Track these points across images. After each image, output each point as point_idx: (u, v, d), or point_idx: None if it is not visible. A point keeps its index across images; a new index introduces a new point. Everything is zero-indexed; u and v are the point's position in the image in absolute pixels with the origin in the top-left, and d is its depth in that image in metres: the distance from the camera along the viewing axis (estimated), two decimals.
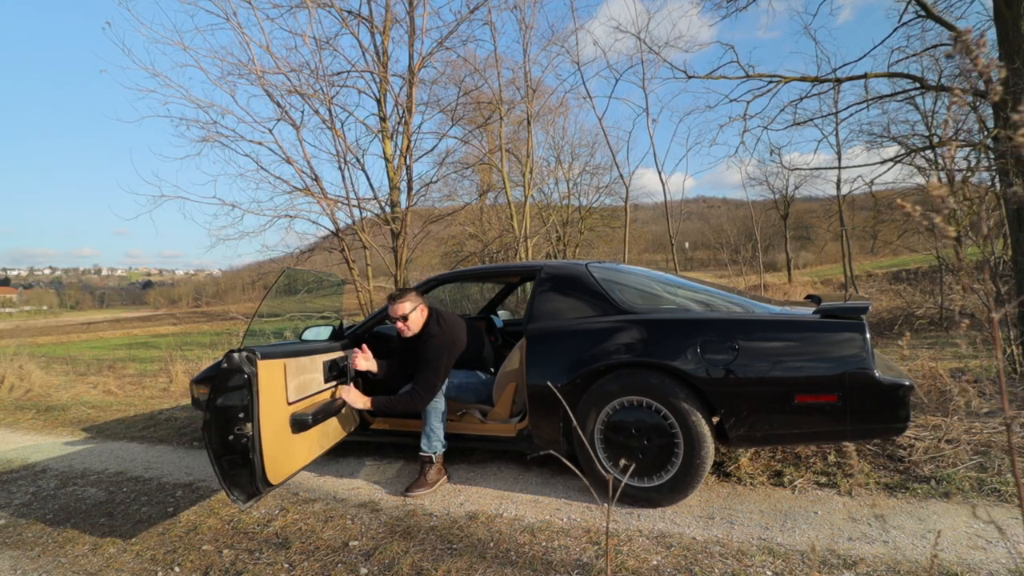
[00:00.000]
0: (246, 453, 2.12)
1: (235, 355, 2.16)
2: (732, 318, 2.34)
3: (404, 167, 7.10)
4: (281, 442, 2.28)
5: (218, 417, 2.12)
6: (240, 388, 2.14)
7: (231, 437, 2.12)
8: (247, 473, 2.13)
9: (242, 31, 6.03)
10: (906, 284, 12.34)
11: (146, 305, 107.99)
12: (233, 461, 2.13)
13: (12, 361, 7.43)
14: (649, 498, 2.34)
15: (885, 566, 1.77)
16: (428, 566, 1.98)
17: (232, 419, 2.13)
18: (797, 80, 6.04)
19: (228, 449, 2.12)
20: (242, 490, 2.13)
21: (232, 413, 2.13)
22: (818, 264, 33.65)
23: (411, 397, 2.71)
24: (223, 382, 2.14)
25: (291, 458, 2.36)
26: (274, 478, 2.20)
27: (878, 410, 2.08)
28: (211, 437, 2.13)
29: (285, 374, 2.35)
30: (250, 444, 2.12)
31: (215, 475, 2.17)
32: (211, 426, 2.13)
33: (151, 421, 4.77)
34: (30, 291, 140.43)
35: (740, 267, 19.00)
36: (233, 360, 2.15)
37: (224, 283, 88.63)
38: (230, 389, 2.14)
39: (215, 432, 2.12)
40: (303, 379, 2.50)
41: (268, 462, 2.17)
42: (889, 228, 13.82)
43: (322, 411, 2.57)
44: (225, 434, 2.12)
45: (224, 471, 2.12)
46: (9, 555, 2.35)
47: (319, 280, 3.65)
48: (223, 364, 2.14)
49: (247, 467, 2.13)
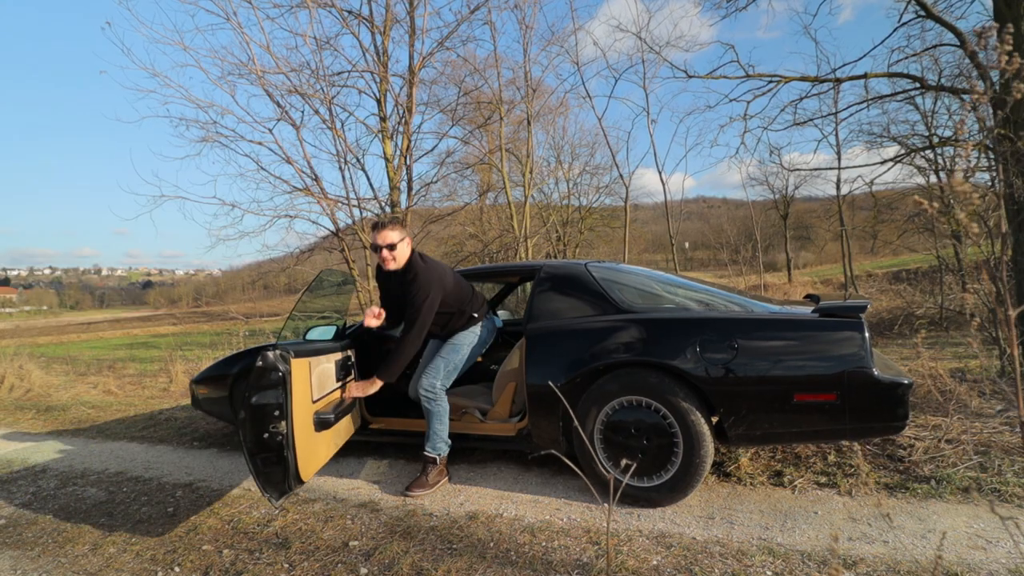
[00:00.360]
0: (280, 451, 2.14)
1: (269, 353, 2.17)
2: (731, 317, 2.34)
3: (404, 167, 7.11)
4: (308, 440, 2.30)
5: (253, 415, 2.13)
6: (275, 386, 2.15)
7: (266, 435, 2.13)
8: (281, 471, 2.15)
9: (242, 31, 6.04)
10: (906, 284, 12.33)
11: (146, 305, 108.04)
12: (267, 459, 2.14)
13: (12, 361, 7.42)
14: (649, 498, 2.34)
15: (885, 566, 1.77)
16: (428, 566, 1.98)
17: (267, 417, 2.14)
18: (797, 80, 6.04)
19: (262, 447, 2.14)
20: (275, 488, 2.15)
21: (267, 411, 2.14)
22: (818, 264, 33.65)
23: (405, 344, 2.59)
24: (258, 380, 2.15)
25: (316, 456, 2.39)
26: (304, 475, 2.23)
27: (877, 409, 2.08)
28: (246, 435, 2.13)
29: (310, 373, 2.37)
30: (284, 442, 2.14)
31: (250, 473, 2.17)
32: (246, 424, 2.13)
33: (151, 421, 4.76)
34: (30, 291, 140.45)
35: (740, 267, 19.00)
36: (268, 359, 2.16)
37: (224, 283, 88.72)
38: (264, 387, 2.15)
39: (250, 430, 2.13)
40: (322, 378, 2.53)
41: (299, 459, 2.19)
42: (889, 228, 13.82)
43: (341, 410, 2.59)
44: (260, 432, 2.13)
45: (259, 469, 2.13)
46: (9, 555, 2.35)
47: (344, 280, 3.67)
48: (257, 362, 2.15)
49: (281, 465, 2.15)
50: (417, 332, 2.61)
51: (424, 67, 7.03)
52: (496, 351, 3.90)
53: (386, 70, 6.93)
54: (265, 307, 16.78)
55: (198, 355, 8.34)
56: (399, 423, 3.09)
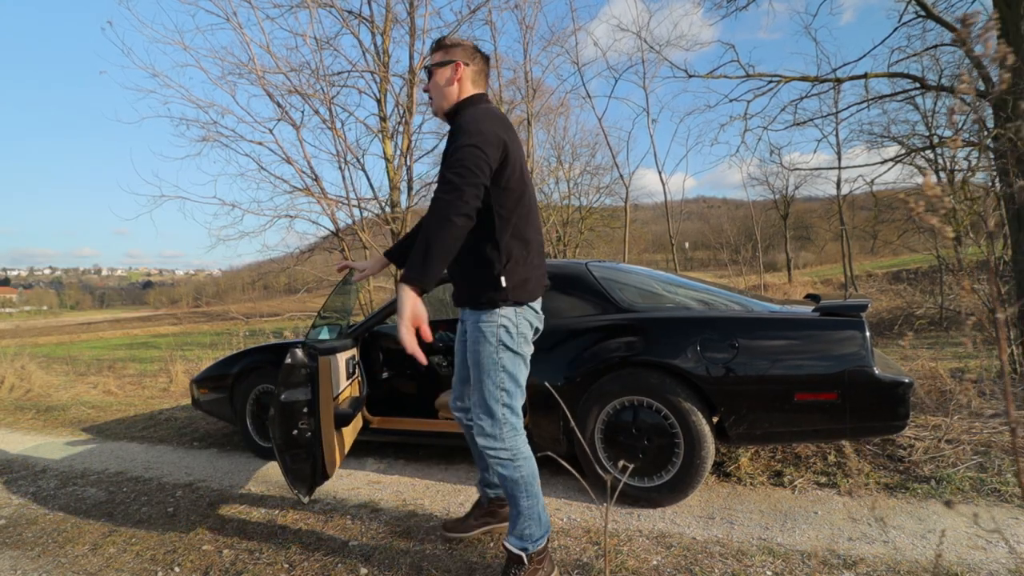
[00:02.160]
0: (309, 447, 2.15)
1: (298, 350, 2.18)
2: (732, 316, 2.34)
3: (404, 167, 7.11)
4: (331, 436, 2.32)
5: (282, 412, 2.14)
6: (304, 383, 2.17)
7: (295, 432, 2.14)
8: (309, 467, 2.16)
9: (242, 31, 6.04)
10: (906, 284, 12.34)
11: (146, 305, 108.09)
12: (296, 455, 2.15)
13: (12, 361, 7.42)
14: (649, 498, 2.34)
15: (885, 566, 1.77)
16: (428, 566, 1.98)
17: (296, 414, 2.15)
18: (797, 80, 6.05)
19: (291, 444, 2.15)
20: (304, 484, 2.16)
21: (296, 408, 2.15)
22: (818, 264, 33.67)
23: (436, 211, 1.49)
24: (287, 377, 2.16)
25: (337, 452, 2.40)
26: (329, 470, 2.24)
27: (878, 408, 2.08)
28: (275, 432, 2.14)
29: (331, 370, 2.39)
30: (313, 438, 2.15)
31: (281, 470, 2.18)
32: (275, 421, 2.14)
33: (151, 421, 4.76)
34: (30, 291, 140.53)
35: (740, 267, 19.01)
36: (297, 356, 2.17)
37: (224, 283, 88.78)
38: (293, 384, 2.16)
39: (279, 427, 2.14)
40: (338, 375, 2.54)
41: (325, 455, 2.21)
42: (889, 228, 13.83)
43: (356, 406, 2.60)
44: (289, 429, 2.14)
45: (288, 466, 2.14)
46: (9, 555, 2.35)
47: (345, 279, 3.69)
48: (287, 360, 2.16)
49: (309, 461, 2.16)
50: (453, 205, 1.47)
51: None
52: None
53: (386, 70, 6.93)
54: (265, 307, 16.77)
55: (198, 355, 8.34)
56: (399, 423, 3.09)
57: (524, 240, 1.69)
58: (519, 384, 1.72)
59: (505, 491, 1.74)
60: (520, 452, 1.71)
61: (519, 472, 1.69)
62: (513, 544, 1.72)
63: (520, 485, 1.69)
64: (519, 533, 1.72)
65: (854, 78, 5.85)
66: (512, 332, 1.67)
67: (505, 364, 1.67)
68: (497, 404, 1.68)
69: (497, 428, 1.69)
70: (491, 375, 1.67)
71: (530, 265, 1.71)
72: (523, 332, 1.70)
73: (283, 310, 9.31)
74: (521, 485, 1.69)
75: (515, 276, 1.66)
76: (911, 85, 6.07)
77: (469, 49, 1.76)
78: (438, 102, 1.76)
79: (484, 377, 1.68)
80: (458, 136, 1.57)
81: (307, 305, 9.14)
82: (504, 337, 1.66)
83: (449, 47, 1.75)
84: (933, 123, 9.80)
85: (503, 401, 1.68)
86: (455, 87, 1.74)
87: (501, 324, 1.65)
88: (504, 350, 1.67)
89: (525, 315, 1.70)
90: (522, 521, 1.72)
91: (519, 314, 1.68)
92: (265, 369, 3.35)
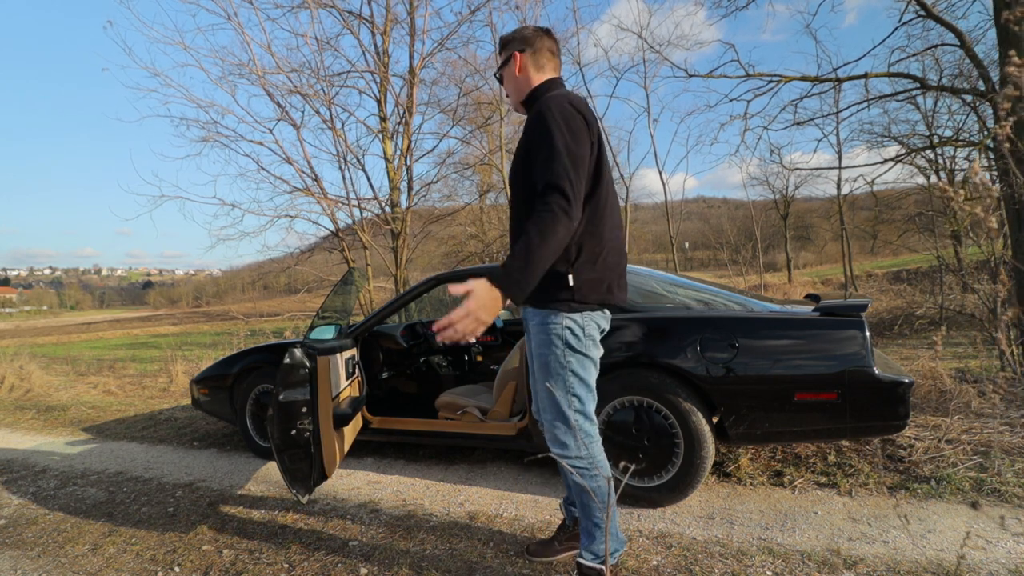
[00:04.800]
0: (307, 447, 2.14)
1: (297, 350, 2.18)
2: (732, 316, 2.34)
3: (404, 167, 7.11)
4: (329, 436, 2.31)
5: (281, 412, 2.14)
6: (302, 383, 2.16)
7: (293, 432, 2.14)
8: (307, 467, 2.15)
9: (243, 31, 6.05)
10: (906, 284, 12.34)
11: (146, 305, 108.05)
12: (295, 455, 2.15)
13: (12, 361, 7.43)
14: (649, 498, 2.34)
15: (885, 566, 1.77)
16: (428, 566, 1.98)
17: (295, 414, 2.15)
18: (798, 79, 6.05)
19: (290, 444, 2.14)
20: (302, 484, 2.16)
21: (295, 408, 2.15)
22: (818, 264, 33.67)
23: (539, 221, 1.36)
24: (286, 377, 2.15)
25: (336, 451, 2.40)
26: (328, 471, 2.24)
27: (878, 407, 2.08)
28: (274, 432, 2.14)
29: (330, 370, 2.38)
30: (312, 438, 2.15)
31: (279, 471, 2.18)
32: (273, 421, 2.14)
33: (151, 421, 4.76)
34: (30, 291, 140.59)
35: (740, 267, 19.00)
36: (295, 355, 2.16)
37: (224, 283, 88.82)
38: (292, 384, 2.16)
39: (278, 427, 2.13)
40: (337, 375, 2.54)
41: (324, 455, 2.20)
42: (889, 228, 13.83)
43: (356, 406, 2.60)
44: (288, 429, 2.14)
45: (286, 466, 2.14)
46: (9, 555, 2.35)
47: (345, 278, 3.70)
48: (285, 359, 2.16)
49: (307, 461, 2.15)
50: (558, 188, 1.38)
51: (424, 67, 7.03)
52: (496, 351, 3.91)
53: (386, 70, 6.93)
54: (265, 307, 16.79)
55: (198, 355, 8.34)
56: (399, 423, 3.09)
57: (598, 236, 1.54)
58: (590, 388, 1.60)
59: (578, 502, 1.63)
60: (597, 460, 1.58)
61: (596, 482, 1.57)
62: (588, 559, 1.60)
63: (596, 496, 1.57)
64: (595, 549, 1.61)
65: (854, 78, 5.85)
66: (579, 334, 1.54)
67: (574, 368, 1.55)
68: (569, 410, 1.57)
69: (571, 436, 1.57)
70: (559, 380, 1.56)
71: (604, 265, 1.56)
72: (591, 334, 1.57)
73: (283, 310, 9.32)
74: (597, 495, 1.57)
75: (584, 275, 1.52)
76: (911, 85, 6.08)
77: (522, 35, 1.69)
78: (513, 98, 1.74)
79: (552, 382, 1.57)
80: (536, 130, 1.48)
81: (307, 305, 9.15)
82: (570, 339, 1.53)
83: (505, 43, 1.72)
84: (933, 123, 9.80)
85: (575, 407, 1.57)
86: (520, 78, 1.68)
87: (567, 326, 1.53)
88: (571, 353, 1.54)
89: (593, 316, 1.57)
90: (600, 535, 1.61)
91: (586, 315, 1.55)
92: (265, 369, 3.35)
